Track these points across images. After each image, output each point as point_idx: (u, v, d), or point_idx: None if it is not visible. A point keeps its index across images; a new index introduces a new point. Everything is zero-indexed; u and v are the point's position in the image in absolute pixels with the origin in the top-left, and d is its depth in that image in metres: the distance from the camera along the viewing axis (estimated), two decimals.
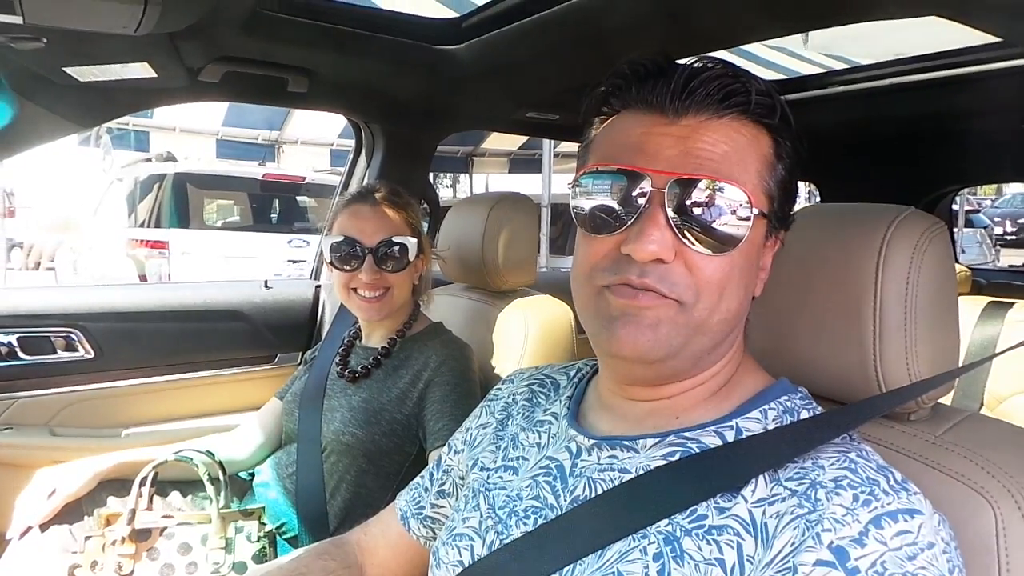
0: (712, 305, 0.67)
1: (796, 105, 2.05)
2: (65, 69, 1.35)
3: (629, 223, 0.67)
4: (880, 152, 2.36)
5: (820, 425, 0.66)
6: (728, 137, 0.67)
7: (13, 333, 1.78)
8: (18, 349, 1.78)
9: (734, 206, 0.66)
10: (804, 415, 0.70)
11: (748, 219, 0.66)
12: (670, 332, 0.67)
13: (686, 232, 0.65)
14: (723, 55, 0.74)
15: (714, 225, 0.65)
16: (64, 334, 1.84)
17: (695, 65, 0.69)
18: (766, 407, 0.71)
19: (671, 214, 0.65)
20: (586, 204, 0.70)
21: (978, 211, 13.94)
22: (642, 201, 0.66)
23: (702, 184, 0.65)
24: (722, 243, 0.66)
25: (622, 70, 0.72)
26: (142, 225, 6.62)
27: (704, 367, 0.73)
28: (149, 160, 7.43)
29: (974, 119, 1.96)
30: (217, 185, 7.22)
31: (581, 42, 1.37)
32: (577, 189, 0.72)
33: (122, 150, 8.57)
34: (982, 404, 1.79)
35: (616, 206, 0.68)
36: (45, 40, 1.17)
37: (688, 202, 0.65)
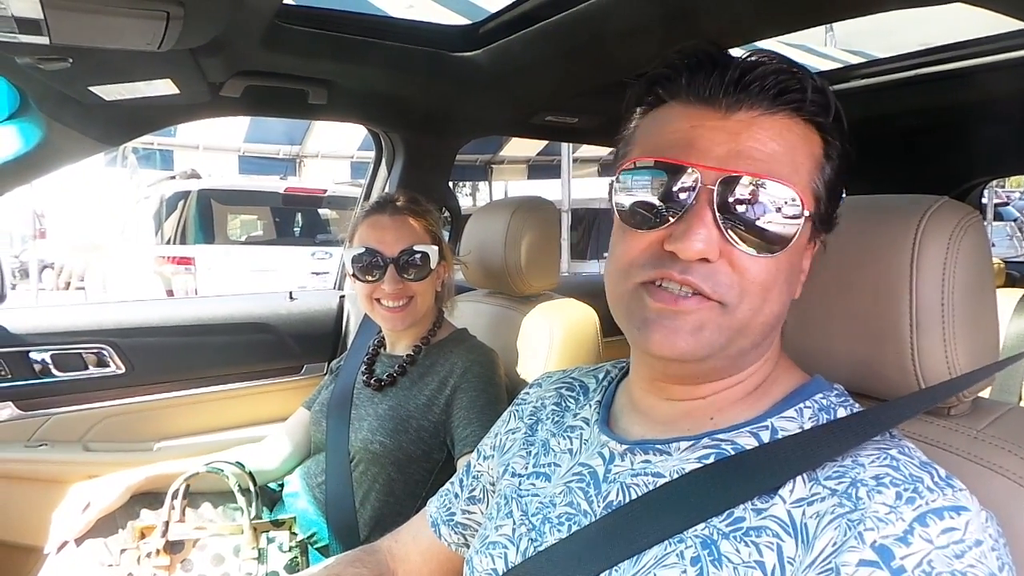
0: (756, 307, 0.65)
1: None
2: (91, 88, 1.37)
3: (674, 220, 0.65)
4: (906, 146, 2.32)
5: (859, 423, 0.65)
6: (780, 135, 0.65)
7: (47, 351, 1.81)
8: (52, 366, 1.82)
9: (783, 206, 0.64)
10: (841, 413, 0.68)
11: (798, 220, 0.64)
12: (712, 335, 0.65)
13: (733, 231, 0.63)
14: (739, 52, 0.72)
15: (762, 225, 0.63)
16: (96, 350, 1.87)
17: (750, 58, 0.66)
18: (801, 406, 0.69)
19: (718, 212, 0.63)
20: (628, 198, 0.68)
21: (1007, 204, 13.67)
22: (689, 197, 0.64)
23: (753, 183, 0.63)
24: (770, 244, 0.64)
25: (672, 59, 0.69)
26: (168, 242, 6.72)
27: (742, 367, 0.71)
28: (174, 178, 7.56)
29: (1000, 108, 1.92)
30: (240, 200, 7.33)
31: (596, 44, 1.37)
32: (619, 183, 0.69)
33: (148, 169, 8.74)
34: (1021, 398, 1.75)
35: (660, 202, 0.66)
36: (71, 60, 1.19)
37: (736, 200, 0.63)
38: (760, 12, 1.25)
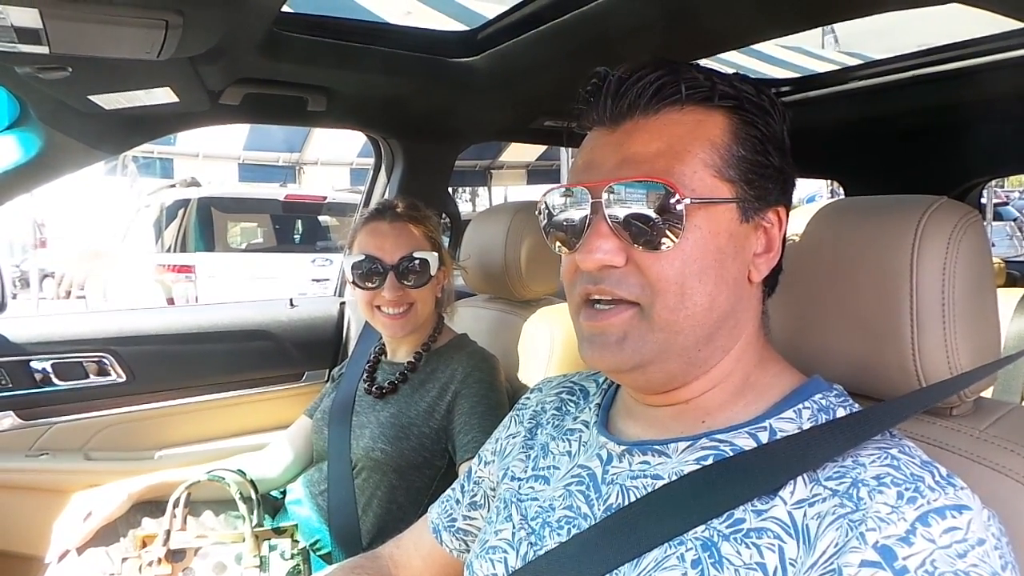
0: (672, 303, 0.66)
1: (814, 102, 2.05)
2: (91, 97, 1.37)
3: (580, 239, 0.69)
4: (904, 146, 2.32)
5: (859, 422, 0.64)
6: (661, 133, 0.67)
7: (48, 359, 1.81)
8: (53, 375, 1.82)
9: (666, 202, 0.65)
10: (841, 413, 0.68)
11: (681, 211, 0.65)
12: (636, 343, 0.67)
13: (630, 235, 0.66)
14: (738, 56, 0.74)
15: (651, 224, 0.65)
16: (96, 359, 1.87)
17: (627, 71, 0.69)
18: (800, 406, 0.69)
19: (614, 221, 0.66)
20: (552, 227, 0.74)
21: (1006, 204, 13.67)
22: (586, 214, 0.68)
23: (630, 186, 0.66)
24: (665, 238, 0.66)
25: (579, 96, 0.74)
26: (169, 250, 6.73)
27: (705, 365, 0.71)
28: (174, 186, 7.58)
29: (999, 108, 1.92)
30: (240, 208, 7.34)
31: (594, 47, 1.37)
32: (544, 214, 0.75)
33: (148, 177, 8.76)
34: (1023, 397, 1.75)
35: (572, 224, 0.71)
36: (70, 69, 1.19)
37: (625, 205, 0.66)
38: (761, 13, 1.26)
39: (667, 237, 0.65)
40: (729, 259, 0.69)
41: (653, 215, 0.65)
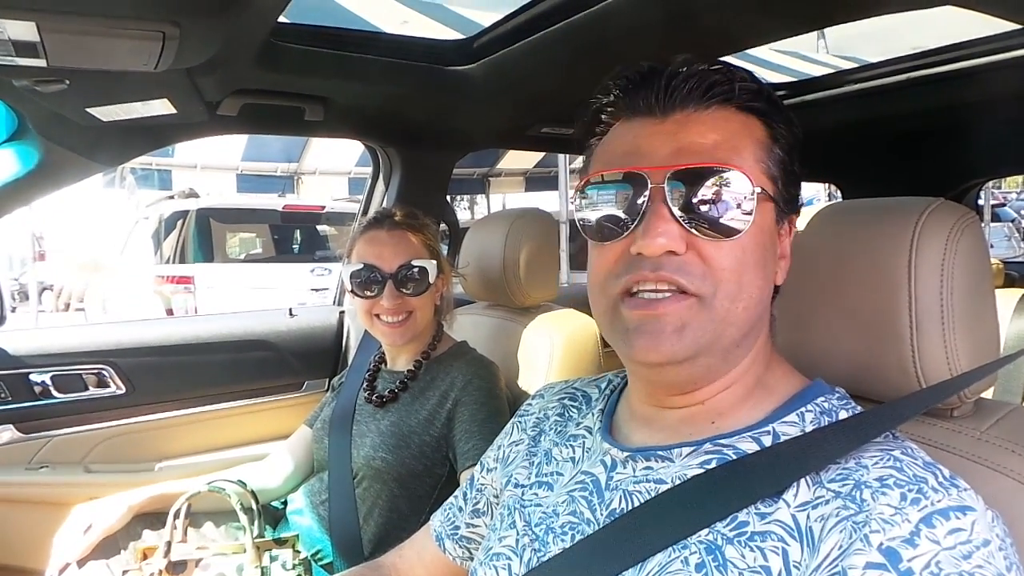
0: (733, 293, 0.66)
1: (811, 106, 2.05)
2: (88, 110, 1.37)
3: (635, 224, 0.67)
4: (901, 149, 2.33)
5: (861, 424, 0.64)
6: (717, 126, 0.68)
7: (47, 372, 1.81)
8: (52, 388, 1.81)
9: (735, 189, 0.66)
10: (843, 415, 0.68)
11: (752, 199, 0.66)
12: (696, 332, 0.66)
13: (693, 223, 0.66)
14: (732, 60, 0.74)
15: (719, 211, 0.65)
16: (96, 371, 1.86)
17: (678, 64, 0.70)
18: (803, 410, 0.69)
19: (674, 208, 0.66)
20: (592, 215, 0.72)
21: (1004, 205, 13.69)
22: (644, 200, 0.67)
23: (700, 173, 0.66)
24: (730, 227, 0.66)
25: (607, 86, 0.74)
26: (168, 261, 6.74)
27: (733, 362, 0.71)
28: (172, 198, 7.59)
29: (995, 109, 1.93)
30: (239, 219, 7.36)
31: (590, 53, 1.38)
32: (580, 202, 0.73)
33: (146, 189, 8.77)
34: (1023, 398, 1.74)
35: (621, 212, 0.69)
36: (68, 82, 1.20)
37: (689, 193, 0.66)
38: (760, 17, 1.26)
39: (733, 226, 0.66)
40: (770, 257, 0.70)
41: (720, 203, 0.65)
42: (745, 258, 0.67)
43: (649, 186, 0.66)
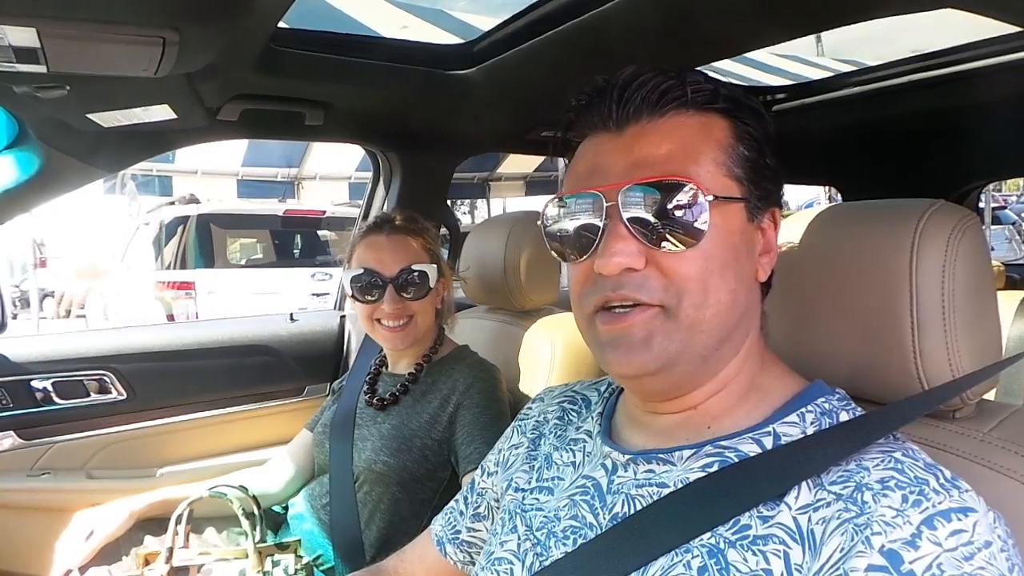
0: (698, 301, 0.66)
1: (811, 109, 2.05)
2: (89, 115, 1.38)
3: (596, 243, 0.68)
4: (901, 151, 2.33)
5: (862, 426, 0.64)
6: (671, 134, 0.68)
7: (48, 379, 1.81)
8: (53, 394, 1.81)
9: (688, 200, 0.65)
10: (844, 417, 0.68)
11: (705, 208, 0.65)
12: (663, 341, 0.66)
13: (650, 237, 0.66)
14: (731, 65, 0.75)
15: (675, 223, 0.65)
16: (97, 377, 1.86)
17: (629, 76, 0.70)
18: (803, 411, 0.69)
19: (631, 224, 0.66)
20: (559, 235, 0.73)
21: (1004, 207, 13.68)
22: (601, 219, 0.68)
23: (650, 186, 0.66)
24: (687, 237, 0.66)
25: (568, 105, 0.74)
26: (168, 267, 6.74)
27: (718, 366, 0.71)
28: (173, 203, 7.61)
29: (995, 112, 1.93)
30: (240, 224, 7.36)
31: (591, 57, 1.38)
32: (547, 223, 0.74)
33: (147, 195, 8.78)
34: None
35: (584, 231, 0.70)
36: (68, 87, 1.20)
37: (643, 207, 0.66)
38: (758, 21, 1.26)
39: (690, 236, 0.66)
40: (743, 257, 0.70)
41: (675, 214, 0.65)
42: (709, 265, 0.66)
43: (604, 205, 0.67)
